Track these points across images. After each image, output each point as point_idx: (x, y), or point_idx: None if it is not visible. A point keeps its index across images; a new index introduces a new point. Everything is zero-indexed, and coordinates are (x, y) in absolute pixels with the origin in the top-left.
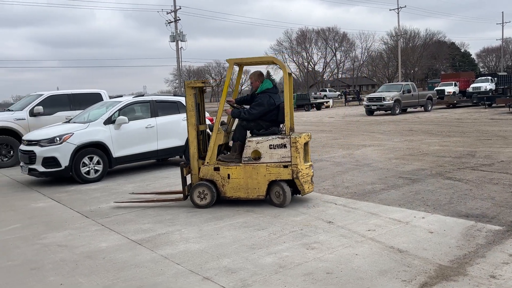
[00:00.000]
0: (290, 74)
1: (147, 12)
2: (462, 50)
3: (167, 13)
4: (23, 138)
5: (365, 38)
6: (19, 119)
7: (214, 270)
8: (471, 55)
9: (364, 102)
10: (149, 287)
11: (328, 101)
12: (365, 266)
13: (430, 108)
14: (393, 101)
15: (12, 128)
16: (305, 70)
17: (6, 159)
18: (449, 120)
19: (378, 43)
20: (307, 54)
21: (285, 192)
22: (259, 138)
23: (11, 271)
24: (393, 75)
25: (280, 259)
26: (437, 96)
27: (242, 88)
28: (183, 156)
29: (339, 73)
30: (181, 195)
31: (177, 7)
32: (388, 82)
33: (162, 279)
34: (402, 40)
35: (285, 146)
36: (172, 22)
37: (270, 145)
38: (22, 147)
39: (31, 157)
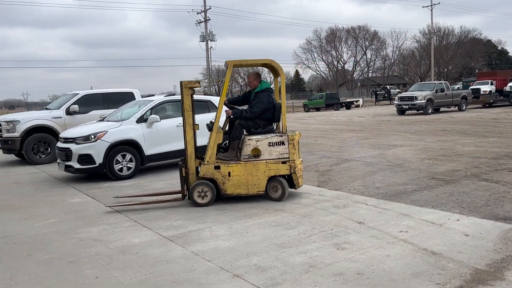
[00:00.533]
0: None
1: (178, 13)
2: (499, 48)
3: (197, 13)
4: (60, 135)
5: (396, 36)
6: (56, 117)
7: (244, 268)
8: (508, 52)
9: (395, 102)
10: (180, 283)
11: (358, 100)
12: (397, 268)
13: (464, 107)
14: (425, 100)
15: (49, 126)
16: (335, 69)
17: (44, 156)
18: (485, 120)
19: (410, 41)
20: (337, 53)
21: (284, 187)
22: (259, 136)
23: (50, 264)
24: (425, 74)
25: (310, 258)
26: (472, 96)
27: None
28: None
29: (370, 72)
30: (178, 195)
31: (207, 7)
32: (420, 81)
33: (193, 275)
34: (435, 38)
35: (283, 143)
36: (202, 22)
37: (269, 142)
38: (59, 144)
39: (67, 154)
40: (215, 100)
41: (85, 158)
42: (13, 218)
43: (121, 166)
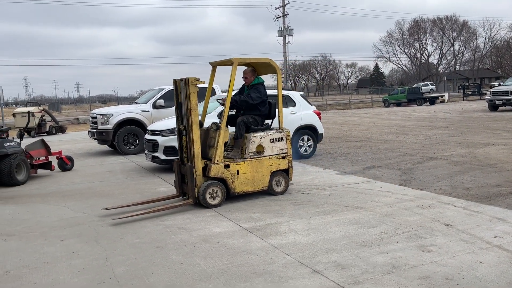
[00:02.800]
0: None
1: (254, 9)
2: None
3: (276, 9)
4: (148, 128)
5: (489, 25)
6: (144, 111)
7: (324, 264)
8: None
9: (486, 97)
10: (260, 275)
11: (444, 95)
12: (491, 275)
13: None
14: None
15: (138, 119)
16: (418, 62)
17: (133, 147)
18: None
19: (505, 31)
20: (421, 45)
21: (286, 180)
22: (262, 133)
23: (140, 248)
24: None
25: (393, 259)
26: None
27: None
28: None
29: (457, 65)
30: (179, 198)
31: (286, 2)
32: None
33: (272, 268)
34: None
35: (282, 139)
36: (280, 17)
37: (271, 139)
38: (147, 136)
39: (154, 145)
40: (293, 95)
41: (170, 150)
42: (108, 203)
43: None
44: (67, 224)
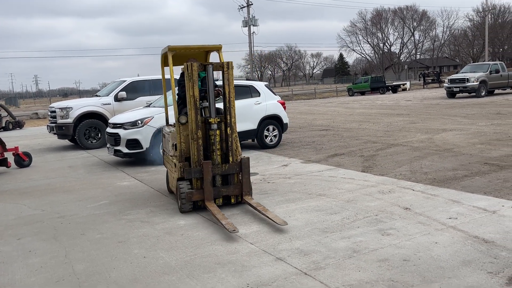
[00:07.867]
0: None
1: None
2: None
3: None
4: (109, 121)
5: (447, 15)
6: (106, 104)
7: (287, 252)
8: None
9: (445, 84)
10: (224, 265)
11: (405, 84)
12: (445, 255)
13: None
14: (478, 82)
15: (99, 112)
16: (380, 52)
17: (95, 141)
18: None
19: (462, 20)
20: (383, 35)
21: None
22: None
23: (101, 243)
24: (478, 54)
25: (354, 244)
26: None
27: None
28: (255, 139)
29: (417, 54)
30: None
31: None
32: (473, 62)
33: (236, 257)
34: (490, 16)
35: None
36: (244, 7)
37: None
38: (108, 130)
39: (116, 139)
40: (257, 85)
41: (133, 143)
42: (68, 200)
43: None
44: (24, 222)
